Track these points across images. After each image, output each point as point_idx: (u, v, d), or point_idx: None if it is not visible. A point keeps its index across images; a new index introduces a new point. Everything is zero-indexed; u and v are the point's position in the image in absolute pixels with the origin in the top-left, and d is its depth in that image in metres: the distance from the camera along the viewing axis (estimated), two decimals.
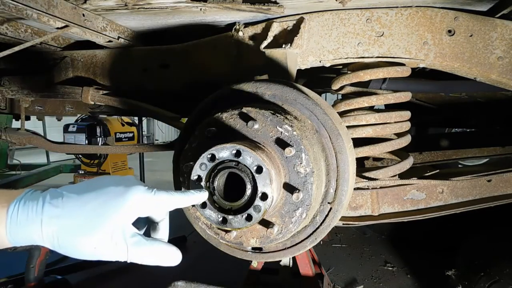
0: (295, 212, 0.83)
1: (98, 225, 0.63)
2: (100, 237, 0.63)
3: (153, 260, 0.68)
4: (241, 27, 1.47)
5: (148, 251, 0.67)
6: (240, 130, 0.86)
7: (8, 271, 2.85)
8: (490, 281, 2.26)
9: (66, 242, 0.64)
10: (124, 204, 0.64)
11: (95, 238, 0.63)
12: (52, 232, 0.63)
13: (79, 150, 3.46)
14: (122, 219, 0.64)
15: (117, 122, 5.77)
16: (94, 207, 0.64)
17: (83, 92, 1.73)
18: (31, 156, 7.61)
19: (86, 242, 0.63)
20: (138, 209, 0.66)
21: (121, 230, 0.64)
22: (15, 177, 5.64)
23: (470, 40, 1.30)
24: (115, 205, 0.64)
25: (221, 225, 0.78)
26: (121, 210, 0.64)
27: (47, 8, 1.22)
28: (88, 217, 0.63)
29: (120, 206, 0.64)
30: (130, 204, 0.65)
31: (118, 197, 0.65)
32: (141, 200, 0.66)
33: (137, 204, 0.66)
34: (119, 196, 0.65)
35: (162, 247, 0.70)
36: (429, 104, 2.49)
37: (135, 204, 0.66)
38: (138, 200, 0.66)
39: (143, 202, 0.66)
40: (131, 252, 0.65)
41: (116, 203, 0.64)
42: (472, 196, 1.46)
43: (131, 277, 3.19)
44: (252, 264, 2.41)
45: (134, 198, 0.65)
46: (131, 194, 0.65)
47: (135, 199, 0.65)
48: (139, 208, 0.66)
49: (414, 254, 3.53)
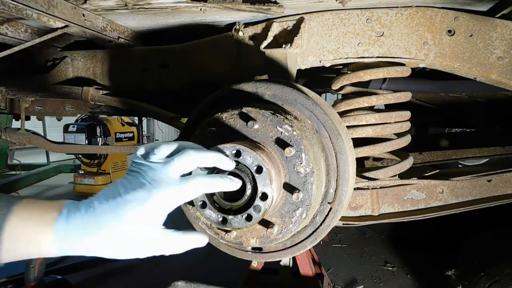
0: (295, 212, 0.83)
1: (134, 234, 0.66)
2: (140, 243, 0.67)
3: (187, 249, 0.73)
4: (241, 27, 1.47)
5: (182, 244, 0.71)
6: (240, 130, 0.86)
7: (8, 271, 2.85)
8: (490, 281, 2.26)
9: (110, 252, 0.67)
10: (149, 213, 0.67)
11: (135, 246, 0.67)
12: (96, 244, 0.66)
13: (79, 150, 3.46)
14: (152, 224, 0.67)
15: (117, 122, 5.77)
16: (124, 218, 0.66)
17: (83, 92, 1.73)
18: (31, 156, 7.61)
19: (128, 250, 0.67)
20: (164, 211, 0.68)
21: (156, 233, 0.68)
22: (15, 177, 5.64)
23: (470, 40, 1.30)
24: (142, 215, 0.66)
25: (221, 225, 0.78)
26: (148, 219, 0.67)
27: (47, 8, 1.22)
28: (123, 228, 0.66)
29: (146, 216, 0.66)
30: (155, 211, 0.67)
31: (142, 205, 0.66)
32: (165, 204, 0.68)
33: (162, 208, 0.68)
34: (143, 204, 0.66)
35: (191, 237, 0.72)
36: (429, 104, 2.49)
37: (160, 209, 0.67)
38: (162, 205, 0.67)
39: (168, 204, 0.68)
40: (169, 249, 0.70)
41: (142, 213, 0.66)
42: (472, 196, 1.46)
43: (131, 277, 3.19)
44: (252, 264, 2.41)
45: (155, 210, 0.67)
46: (152, 205, 0.67)
47: (159, 205, 0.67)
48: (166, 210, 0.68)
49: (414, 254, 3.53)
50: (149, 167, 0.69)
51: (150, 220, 0.67)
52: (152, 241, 0.68)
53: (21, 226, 0.65)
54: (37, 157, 7.82)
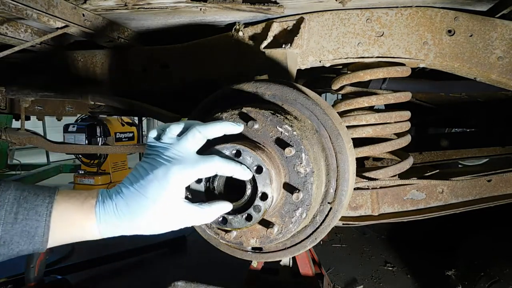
0: (295, 212, 0.83)
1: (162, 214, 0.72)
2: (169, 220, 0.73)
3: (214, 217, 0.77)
4: (241, 27, 1.47)
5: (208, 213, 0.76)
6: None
7: (8, 271, 2.85)
8: (490, 281, 2.26)
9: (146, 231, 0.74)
10: (169, 189, 0.71)
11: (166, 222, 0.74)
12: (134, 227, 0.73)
13: (79, 150, 3.46)
14: (175, 200, 0.72)
15: (117, 122, 5.77)
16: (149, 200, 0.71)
17: (83, 92, 1.73)
18: (31, 156, 7.62)
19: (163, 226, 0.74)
20: (182, 186, 0.73)
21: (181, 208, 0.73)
22: (15, 177, 5.64)
23: (470, 40, 1.30)
24: (164, 193, 0.71)
25: (221, 225, 0.79)
26: (170, 195, 0.72)
27: (47, 8, 1.22)
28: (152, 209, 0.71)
29: (167, 193, 0.71)
30: (174, 187, 0.71)
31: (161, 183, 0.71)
32: (182, 179, 0.72)
33: (180, 183, 0.72)
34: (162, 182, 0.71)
35: (218, 206, 0.76)
36: (429, 104, 2.49)
37: (178, 184, 0.72)
38: (179, 181, 0.72)
39: (185, 179, 0.73)
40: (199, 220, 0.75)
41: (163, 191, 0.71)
42: (472, 196, 1.46)
43: (131, 277, 3.19)
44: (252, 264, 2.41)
45: (174, 180, 0.71)
46: (171, 177, 0.71)
47: (176, 181, 0.71)
48: (183, 184, 0.73)
49: (414, 254, 3.52)
50: (163, 147, 0.75)
51: (172, 193, 0.72)
52: (178, 213, 0.73)
53: (65, 212, 0.72)
54: (37, 157, 7.82)
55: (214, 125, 0.78)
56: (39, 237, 0.69)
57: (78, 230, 0.73)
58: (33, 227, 0.69)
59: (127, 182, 0.75)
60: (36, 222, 0.69)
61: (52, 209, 0.70)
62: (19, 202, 0.69)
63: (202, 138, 0.76)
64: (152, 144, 0.77)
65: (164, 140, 0.76)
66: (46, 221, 0.70)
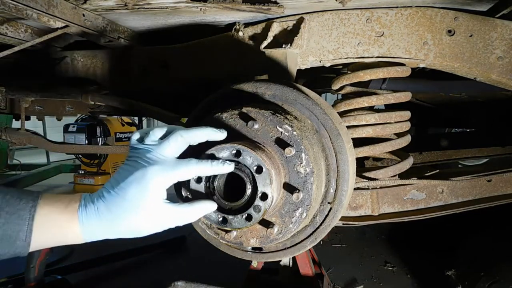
0: (295, 212, 0.83)
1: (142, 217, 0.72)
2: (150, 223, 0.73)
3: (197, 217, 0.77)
4: (241, 27, 1.47)
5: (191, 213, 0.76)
6: (240, 130, 0.86)
7: (8, 271, 2.85)
8: (490, 281, 2.25)
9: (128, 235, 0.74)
10: (148, 191, 0.72)
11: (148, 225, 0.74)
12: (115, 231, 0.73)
13: (79, 150, 3.46)
14: (155, 201, 0.72)
15: (117, 122, 5.76)
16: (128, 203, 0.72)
17: (83, 92, 1.73)
18: (31, 156, 7.61)
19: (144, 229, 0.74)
20: (161, 188, 0.73)
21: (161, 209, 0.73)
22: (15, 177, 5.64)
23: (470, 40, 1.30)
24: (143, 196, 0.71)
25: (221, 225, 0.79)
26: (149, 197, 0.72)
27: (47, 8, 1.22)
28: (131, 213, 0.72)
29: (146, 195, 0.72)
30: (153, 189, 0.72)
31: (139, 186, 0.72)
32: (161, 181, 0.72)
33: (158, 185, 0.72)
34: (140, 185, 0.72)
35: (200, 206, 0.77)
36: (429, 104, 2.49)
37: (157, 186, 0.72)
38: (158, 183, 0.72)
39: (163, 182, 0.73)
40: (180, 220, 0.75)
41: (142, 193, 0.71)
42: (472, 196, 1.46)
43: (131, 277, 3.19)
44: (252, 264, 2.41)
45: (153, 182, 0.72)
46: (150, 179, 0.72)
47: (154, 183, 0.72)
48: (162, 186, 0.73)
49: (414, 254, 3.52)
50: (145, 150, 0.76)
51: (152, 194, 0.72)
52: (159, 214, 0.73)
53: (48, 216, 0.72)
54: (37, 157, 7.82)
55: (197, 130, 0.78)
56: (21, 241, 0.69)
57: (61, 234, 0.73)
58: (15, 231, 0.68)
59: (109, 185, 0.75)
60: (18, 226, 0.69)
61: (35, 213, 0.70)
62: (1, 206, 0.69)
63: (184, 143, 0.77)
64: (135, 146, 0.78)
65: (147, 143, 0.77)
66: (28, 225, 0.69)
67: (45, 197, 0.74)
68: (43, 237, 0.72)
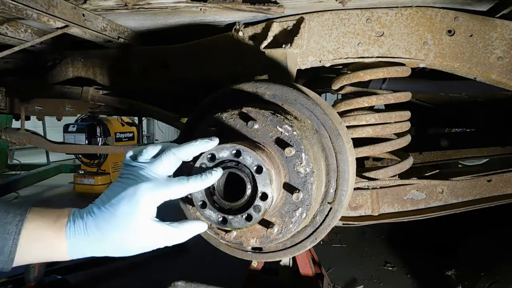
0: (295, 212, 0.83)
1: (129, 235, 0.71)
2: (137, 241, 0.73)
3: (186, 238, 0.77)
4: (241, 27, 1.47)
5: (181, 233, 0.76)
6: (240, 130, 0.86)
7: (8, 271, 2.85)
8: (490, 281, 2.25)
9: (115, 253, 0.73)
10: (138, 209, 0.71)
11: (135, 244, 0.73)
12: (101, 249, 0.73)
13: (79, 150, 3.46)
14: (144, 220, 0.72)
15: (117, 122, 5.77)
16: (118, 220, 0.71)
17: (83, 92, 1.73)
18: (31, 156, 7.61)
19: (131, 248, 0.73)
20: (152, 205, 0.72)
21: (149, 228, 0.72)
22: (15, 177, 5.64)
23: (470, 40, 1.30)
24: (132, 213, 0.71)
25: (221, 225, 0.78)
26: (139, 216, 0.71)
27: (47, 8, 1.22)
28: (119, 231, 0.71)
29: (136, 213, 0.71)
30: (143, 206, 0.71)
31: (130, 203, 0.71)
32: (152, 198, 0.72)
33: (149, 203, 0.72)
34: (131, 202, 0.71)
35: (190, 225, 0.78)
36: (429, 104, 2.49)
37: (148, 204, 0.72)
38: (149, 200, 0.72)
39: (155, 199, 0.73)
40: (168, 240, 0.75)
41: (132, 211, 0.71)
42: (472, 196, 1.46)
43: (131, 277, 3.19)
44: (252, 264, 2.41)
45: (144, 200, 0.71)
46: (140, 196, 0.71)
47: (145, 200, 0.72)
48: (153, 204, 0.73)
49: (414, 254, 3.52)
50: (138, 167, 0.76)
51: (142, 212, 0.71)
52: (148, 233, 0.72)
53: (36, 231, 0.71)
54: (37, 157, 7.82)
55: (189, 146, 0.78)
56: (4, 256, 0.68)
57: (48, 249, 0.71)
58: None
59: (99, 202, 0.74)
60: (3, 240, 0.67)
61: (22, 227, 0.69)
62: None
63: (177, 160, 0.77)
64: (128, 163, 0.78)
65: (140, 161, 0.77)
66: (14, 239, 0.68)
67: (33, 211, 0.72)
68: (29, 252, 0.70)
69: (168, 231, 0.74)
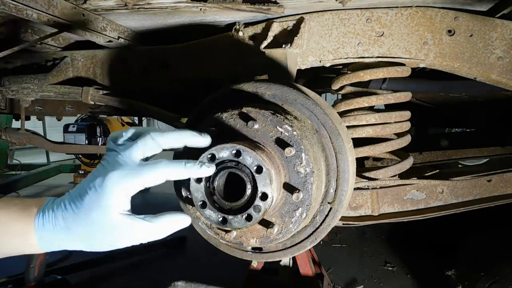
0: (295, 212, 0.83)
1: (98, 229, 0.65)
2: (107, 236, 0.65)
3: (166, 233, 0.69)
4: (241, 27, 1.47)
5: (158, 228, 0.68)
6: (240, 130, 0.86)
7: (8, 271, 2.85)
8: (490, 281, 2.26)
9: (86, 247, 0.67)
10: (105, 201, 0.64)
11: (104, 239, 0.66)
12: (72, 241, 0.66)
13: (79, 150, 3.46)
14: (113, 213, 0.64)
15: (117, 122, 5.77)
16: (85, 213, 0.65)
17: (83, 92, 1.73)
18: (31, 156, 7.61)
19: (101, 243, 0.66)
20: (123, 196, 0.65)
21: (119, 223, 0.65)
22: (15, 177, 5.64)
23: (470, 40, 1.30)
24: (99, 206, 0.64)
25: (221, 225, 0.78)
26: (107, 208, 0.64)
27: (47, 8, 1.22)
28: (87, 224, 0.65)
29: (103, 206, 0.64)
30: (111, 198, 0.64)
31: (97, 195, 0.64)
32: (122, 189, 0.65)
33: (119, 194, 0.64)
34: (98, 194, 0.64)
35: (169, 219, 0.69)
36: (429, 104, 2.49)
37: (117, 195, 0.64)
38: (118, 191, 0.64)
39: (125, 189, 0.65)
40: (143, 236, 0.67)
41: (98, 203, 0.64)
42: (472, 196, 1.46)
43: (131, 277, 3.19)
44: (252, 264, 2.41)
45: (112, 191, 0.64)
46: (109, 187, 0.64)
47: (114, 191, 0.64)
48: (124, 194, 0.65)
49: (414, 254, 3.52)
50: (115, 152, 0.68)
51: (108, 205, 0.64)
52: (118, 228, 0.65)
53: (4, 222, 0.65)
54: (37, 157, 7.82)
55: (173, 133, 0.70)
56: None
57: (16, 241, 0.66)
58: None
59: (72, 191, 0.69)
60: None
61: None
62: None
63: (156, 146, 0.69)
64: (108, 148, 0.71)
65: (118, 143, 0.70)
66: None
67: (2, 201, 0.68)
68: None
69: (142, 226, 0.66)
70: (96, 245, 0.67)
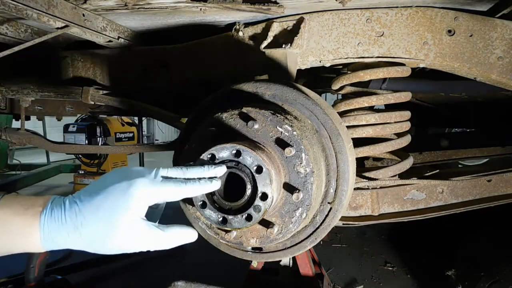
0: (295, 212, 0.83)
1: (114, 228, 0.66)
2: (120, 237, 0.67)
3: (173, 244, 0.72)
4: (241, 27, 1.47)
5: (168, 238, 0.71)
6: (240, 130, 0.86)
7: (8, 271, 2.85)
8: (490, 281, 2.26)
9: (93, 247, 0.68)
10: (130, 202, 0.67)
11: (116, 240, 0.67)
12: (79, 240, 0.67)
13: (79, 150, 3.46)
14: (133, 215, 0.67)
15: (117, 122, 5.77)
16: (105, 211, 0.66)
17: (83, 92, 1.73)
18: (31, 156, 7.62)
19: (111, 244, 0.67)
20: (145, 202, 0.68)
21: (136, 226, 0.67)
22: (15, 177, 5.65)
23: (470, 40, 1.30)
24: (122, 206, 0.67)
25: (221, 225, 0.78)
26: (129, 210, 0.67)
27: (47, 8, 1.22)
28: (104, 222, 0.66)
29: (126, 206, 0.67)
30: (136, 200, 0.67)
31: (123, 195, 0.67)
32: (146, 194, 0.68)
33: (143, 198, 0.68)
34: (124, 194, 0.67)
35: (179, 231, 0.73)
36: (429, 104, 2.49)
37: (141, 199, 0.68)
38: (143, 195, 0.68)
39: (149, 196, 0.69)
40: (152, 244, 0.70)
41: (123, 203, 0.67)
42: (472, 196, 1.46)
43: (131, 277, 3.19)
44: (252, 264, 2.41)
45: (138, 193, 0.68)
46: (135, 189, 0.67)
47: (139, 194, 0.68)
48: (146, 201, 0.69)
49: (414, 254, 3.52)
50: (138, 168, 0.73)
51: (132, 207, 0.67)
52: (133, 232, 0.67)
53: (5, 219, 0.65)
54: (37, 157, 7.82)
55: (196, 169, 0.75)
56: None
57: (18, 239, 0.66)
58: None
59: (91, 188, 0.70)
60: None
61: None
62: None
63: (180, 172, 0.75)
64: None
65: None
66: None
67: (6, 198, 0.67)
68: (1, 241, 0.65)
69: (154, 234, 0.69)
70: (106, 246, 0.68)
